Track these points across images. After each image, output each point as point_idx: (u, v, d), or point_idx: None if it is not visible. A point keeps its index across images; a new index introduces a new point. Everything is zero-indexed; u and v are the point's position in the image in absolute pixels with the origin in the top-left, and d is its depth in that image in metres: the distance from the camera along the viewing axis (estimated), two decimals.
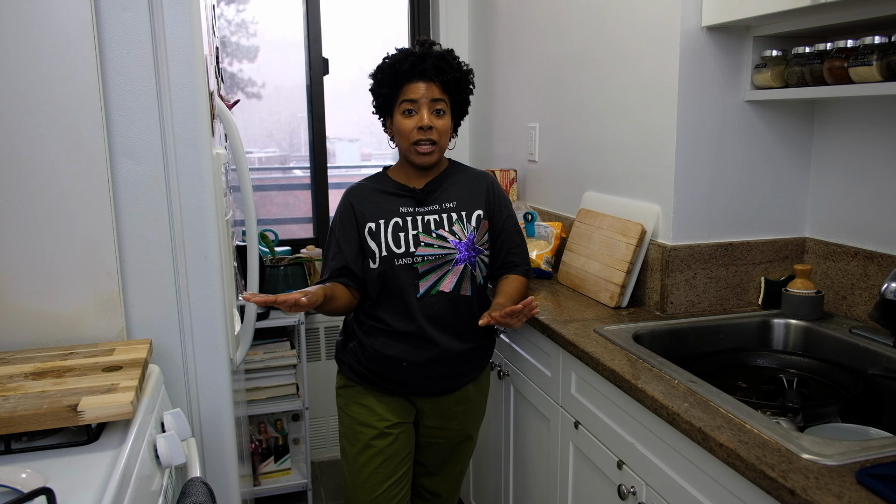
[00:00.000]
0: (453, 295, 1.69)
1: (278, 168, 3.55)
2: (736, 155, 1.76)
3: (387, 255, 1.67)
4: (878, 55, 1.36)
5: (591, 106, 2.13)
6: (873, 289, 1.61)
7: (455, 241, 1.70)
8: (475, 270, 1.72)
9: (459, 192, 1.76)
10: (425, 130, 1.65)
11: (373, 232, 1.69)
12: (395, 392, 1.76)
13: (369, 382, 1.76)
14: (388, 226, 1.69)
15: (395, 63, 1.66)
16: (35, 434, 1.05)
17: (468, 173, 1.81)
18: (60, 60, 1.28)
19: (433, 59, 1.64)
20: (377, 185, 1.76)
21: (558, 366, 1.67)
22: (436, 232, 1.69)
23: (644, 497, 1.33)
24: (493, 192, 1.79)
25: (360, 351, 1.75)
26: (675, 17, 1.68)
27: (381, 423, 1.75)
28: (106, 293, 1.37)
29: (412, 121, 1.66)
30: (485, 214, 1.75)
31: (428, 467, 1.91)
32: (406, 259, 1.67)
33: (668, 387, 1.28)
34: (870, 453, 1.02)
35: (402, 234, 1.68)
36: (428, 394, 1.77)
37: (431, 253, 1.68)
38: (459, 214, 1.73)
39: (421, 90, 1.64)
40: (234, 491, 1.56)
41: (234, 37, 3.08)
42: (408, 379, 1.73)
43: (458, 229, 1.71)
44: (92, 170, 1.33)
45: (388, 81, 1.67)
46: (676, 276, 1.75)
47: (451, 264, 1.69)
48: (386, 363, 1.71)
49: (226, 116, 1.66)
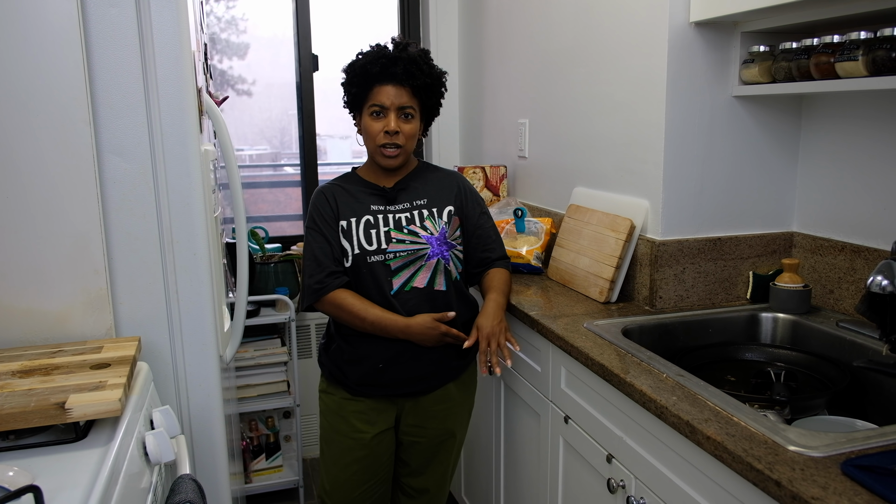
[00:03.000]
0: (427, 290, 1.70)
1: (269, 165, 3.54)
2: (724, 150, 1.77)
3: (359, 252, 1.68)
4: (863, 50, 1.37)
5: (580, 102, 2.13)
6: (860, 282, 1.62)
7: (427, 236, 1.72)
8: (449, 265, 1.73)
9: (429, 189, 1.78)
10: (391, 135, 1.67)
11: (345, 230, 1.71)
12: (376, 395, 1.76)
13: (350, 390, 1.76)
14: (360, 224, 1.71)
15: (367, 64, 1.67)
16: (23, 432, 1.04)
17: (438, 173, 1.85)
18: (46, 57, 1.27)
19: (404, 64, 1.65)
20: (347, 185, 1.77)
21: (548, 361, 1.68)
22: (407, 228, 1.71)
23: (633, 490, 1.33)
24: (464, 189, 1.82)
25: (339, 355, 1.76)
26: (664, 13, 1.68)
27: (359, 435, 1.77)
28: (94, 290, 1.36)
29: (380, 124, 1.68)
30: (456, 211, 1.78)
31: (411, 466, 1.90)
32: (378, 256, 1.68)
33: (657, 381, 1.29)
34: (855, 445, 1.03)
35: (373, 231, 1.70)
36: (408, 394, 1.77)
37: (403, 249, 1.69)
38: (430, 210, 1.75)
39: (390, 95, 1.66)
40: (224, 488, 1.55)
41: (224, 34, 3.07)
42: (387, 380, 1.73)
43: (429, 224, 1.73)
44: (79, 167, 1.32)
45: (358, 81, 1.69)
46: (665, 270, 1.76)
47: (424, 259, 1.70)
48: (364, 365, 1.72)
49: (214, 113, 1.66)
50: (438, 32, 3.12)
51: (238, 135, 3.19)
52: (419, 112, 1.72)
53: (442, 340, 1.69)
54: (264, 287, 2.69)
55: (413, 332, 1.66)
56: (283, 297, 2.62)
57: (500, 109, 2.76)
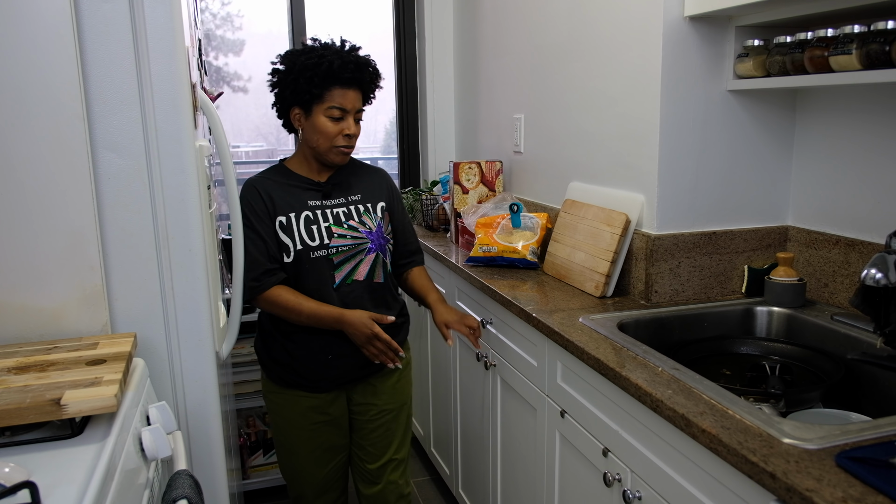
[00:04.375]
0: (367, 283, 1.80)
1: (266, 162, 3.54)
2: (719, 144, 1.78)
3: (302, 248, 1.74)
4: (857, 44, 1.37)
5: (575, 96, 2.13)
6: (854, 276, 1.63)
7: (366, 231, 1.81)
8: (386, 258, 1.85)
9: (361, 184, 1.87)
10: (349, 138, 1.75)
11: (284, 226, 1.74)
12: (323, 389, 1.83)
13: (300, 387, 1.82)
14: (300, 219, 1.75)
15: (329, 63, 1.69)
16: (18, 428, 1.04)
17: (366, 168, 1.94)
18: (39, 52, 1.26)
19: (371, 71, 1.75)
20: (281, 179, 1.80)
21: (544, 355, 1.68)
22: (347, 223, 1.79)
23: (629, 484, 1.34)
24: (391, 186, 1.94)
25: (283, 355, 1.81)
26: (658, 7, 1.68)
27: (314, 425, 1.85)
28: (89, 287, 1.36)
29: (338, 126, 1.73)
30: (387, 206, 1.89)
31: (368, 448, 1.95)
32: (321, 251, 1.74)
33: (652, 374, 1.29)
34: (849, 437, 1.03)
35: (314, 226, 1.75)
36: (358, 379, 1.86)
37: (345, 244, 1.77)
38: (366, 206, 1.84)
39: (352, 99, 1.73)
40: (221, 484, 1.55)
41: (219, 30, 3.07)
42: (336, 371, 1.81)
43: (366, 220, 1.82)
44: (73, 163, 1.31)
45: (319, 81, 1.70)
46: (661, 265, 1.76)
47: (364, 253, 1.79)
48: (312, 359, 1.78)
49: (209, 109, 1.65)
50: (433, 27, 3.12)
51: (234, 131, 3.18)
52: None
53: (370, 343, 1.73)
54: None
55: (346, 321, 1.71)
56: None
57: (496, 104, 2.75)
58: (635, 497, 1.31)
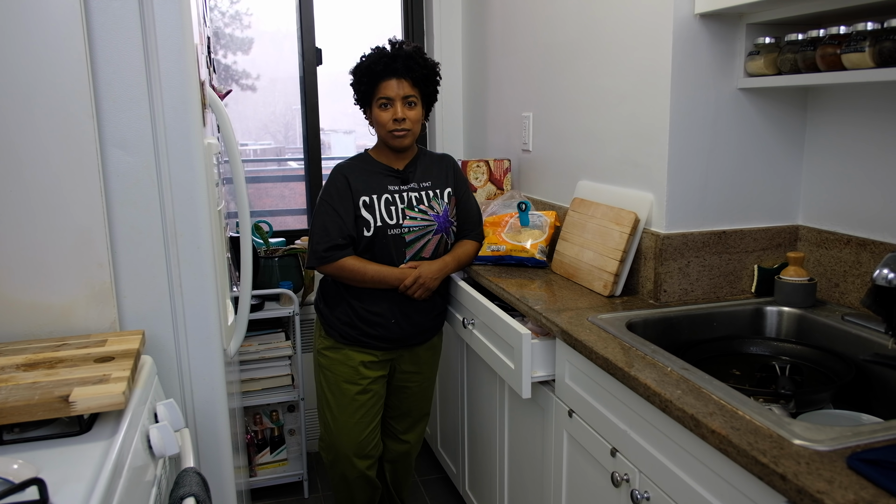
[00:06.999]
0: (432, 259, 2.06)
1: (274, 160, 3.54)
2: (729, 143, 1.76)
3: (381, 225, 1.99)
4: (870, 41, 1.36)
5: (584, 95, 2.12)
6: (865, 276, 1.61)
7: (434, 215, 2.06)
8: (449, 239, 2.10)
9: (431, 172, 2.11)
10: (399, 122, 1.96)
11: (367, 204, 1.99)
12: (382, 348, 2.07)
13: (360, 344, 2.05)
14: (381, 200, 2.00)
15: (371, 64, 1.96)
16: (27, 425, 1.04)
17: (435, 157, 2.17)
18: (49, 50, 1.27)
19: (403, 59, 1.94)
20: (365, 165, 2.06)
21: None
22: (418, 207, 2.04)
23: (637, 484, 1.33)
24: (456, 171, 2.17)
25: (350, 313, 2.04)
26: (668, 4, 1.67)
27: (364, 381, 2.08)
28: (98, 284, 1.36)
29: (388, 113, 1.97)
30: (453, 192, 2.12)
31: (402, 408, 2.24)
32: (396, 230, 2.00)
33: (661, 374, 1.28)
34: (861, 439, 1.02)
35: (392, 208, 2.01)
36: (411, 345, 2.12)
37: (416, 224, 2.03)
38: (434, 192, 2.08)
39: (394, 87, 1.95)
40: (228, 481, 1.56)
41: (228, 28, 3.07)
42: (395, 334, 2.05)
43: (435, 204, 2.07)
44: (82, 160, 1.32)
45: (365, 80, 1.98)
46: (670, 264, 1.75)
47: (432, 234, 2.05)
48: (377, 320, 2.03)
49: (217, 107, 1.65)
50: (442, 25, 3.11)
51: (243, 129, 3.19)
52: (420, 100, 2.01)
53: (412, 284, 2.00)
54: (268, 281, 2.69)
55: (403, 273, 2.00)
56: (287, 292, 2.63)
57: (504, 103, 2.75)
58: (643, 497, 1.30)
